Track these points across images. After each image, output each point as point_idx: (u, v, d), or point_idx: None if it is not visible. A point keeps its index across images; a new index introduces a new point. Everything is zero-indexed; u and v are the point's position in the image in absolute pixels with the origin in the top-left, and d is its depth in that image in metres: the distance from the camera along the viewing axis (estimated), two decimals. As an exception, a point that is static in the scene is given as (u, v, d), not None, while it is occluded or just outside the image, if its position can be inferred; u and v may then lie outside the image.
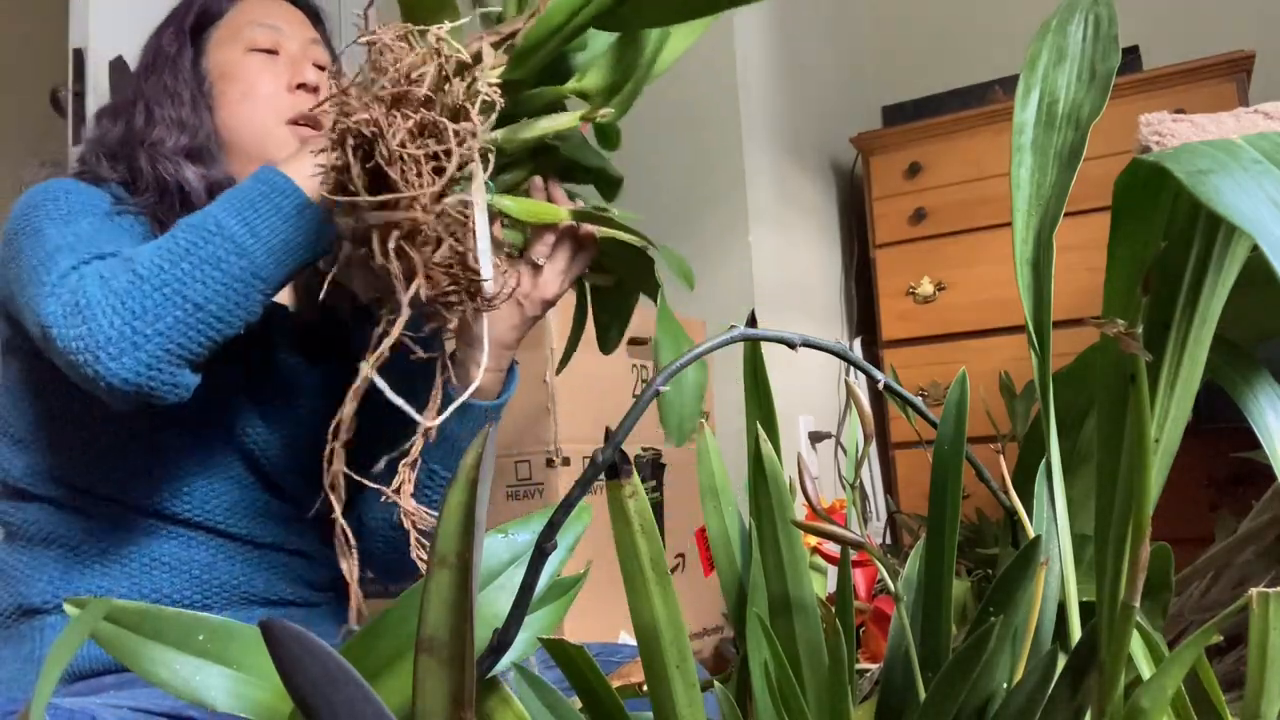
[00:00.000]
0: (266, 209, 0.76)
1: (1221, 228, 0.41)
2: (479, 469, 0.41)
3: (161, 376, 0.72)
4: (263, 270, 0.75)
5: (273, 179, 0.77)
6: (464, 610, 0.39)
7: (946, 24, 2.75)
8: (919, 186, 2.31)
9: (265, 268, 0.75)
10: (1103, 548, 0.44)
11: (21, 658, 0.83)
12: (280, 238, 0.75)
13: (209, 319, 0.73)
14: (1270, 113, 0.46)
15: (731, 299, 2.04)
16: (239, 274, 0.73)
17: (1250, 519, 0.90)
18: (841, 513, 0.71)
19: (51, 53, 1.99)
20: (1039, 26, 0.55)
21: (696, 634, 1.71)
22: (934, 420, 0.56)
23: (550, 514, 0.45)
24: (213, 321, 0.73)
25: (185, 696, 0.44)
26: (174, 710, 0.68)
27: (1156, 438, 0.43)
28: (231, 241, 0.74)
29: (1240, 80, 2.05)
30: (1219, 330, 0.44)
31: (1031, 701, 0.44)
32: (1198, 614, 0.88)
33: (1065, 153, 0.50)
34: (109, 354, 0.70)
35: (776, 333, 0.53)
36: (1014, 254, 0.50)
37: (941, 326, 2.26)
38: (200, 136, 0.91)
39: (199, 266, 0.73)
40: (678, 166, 2.13)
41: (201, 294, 0.72)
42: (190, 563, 0.87)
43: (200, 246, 0.73)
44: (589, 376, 1.54)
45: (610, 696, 0.47)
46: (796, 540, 0.52)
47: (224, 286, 0.73)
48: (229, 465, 0.89)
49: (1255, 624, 0.42)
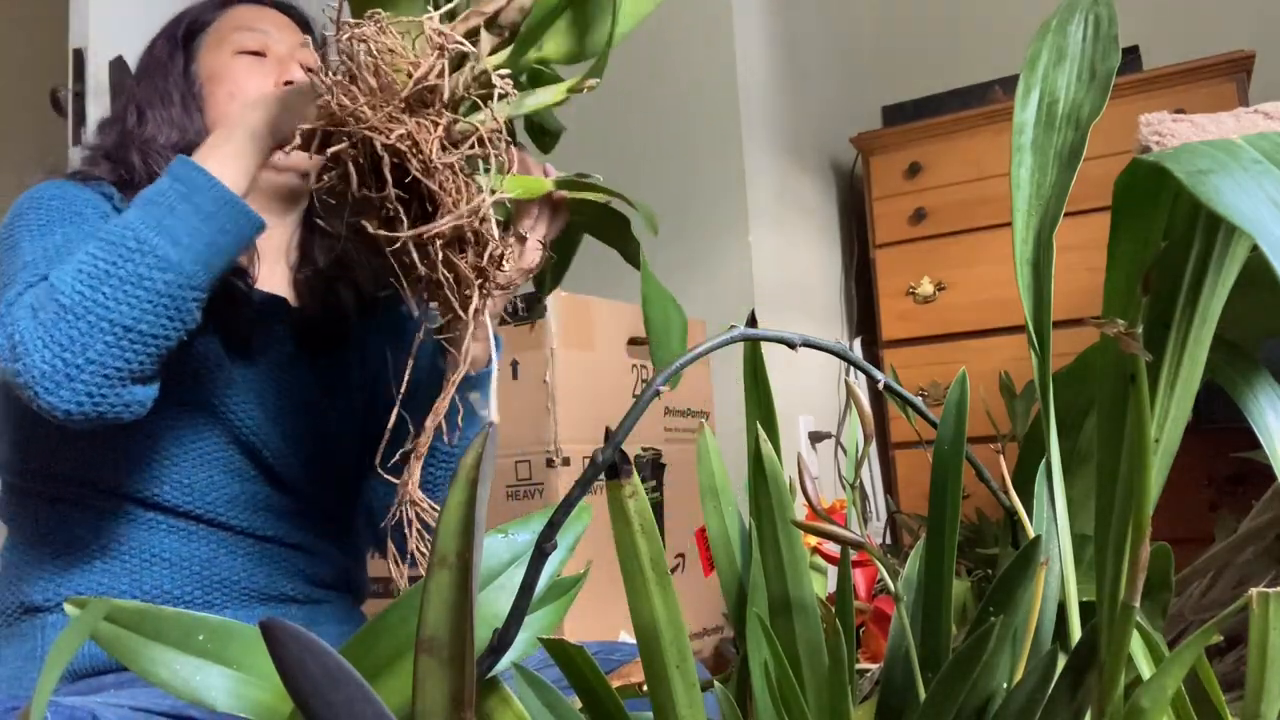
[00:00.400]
0: (186, 211, 0.73)
1: (1221, 228, 0.41)
2: (479, 469, 0.41)
3: (107, 400, 0.71)
4: (193, 279, 0.73)
5: (191, 176, 0.74)
6: (464, 610, 0.39)
7: (946, 24, 2.75)
8: (919, 186, 2.31)
9: (195, 275, 0.73)
10: (1103, 548, 0.44)
11: (23, 655, 0.84)
12: (204, 240, 0.73)
13: (142, 339, 0.72)
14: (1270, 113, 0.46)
15: (731, 299, 2.04)
16: (165, 289, 0.72)
17: (1250, 519, 0.90)
18: (841, 513, 0.71)
19: (51, 53, 1.99)
20: (1039, 26, 0.55)
21: (696, 634, 1.71)
22: (934, 420, 0.56)
23: (550, 514, 0.45)
24: (147, 340, 0.72)
25: (185, 696, 0.44)
26: (174, 709, 0.68)
27: (1156, 438, 0.43)
28: (153, 256, 0.72)
29: (1240, 80, 2.05)
30: (1219, 330, 0.44)
31: (1031, 701, 0.44)
32: (1198, 614, 0.88)
33: (1065, 153, 0.50)
34: (45, 389, 0.70)
35: (776, 333, 0.53)
36: (1014, 254, 0.50)
37: (941, 326, 2.26)
38: (190, 134, 0.93)
39: (121, 288, 0.71)
40: (678, 166, 2.13)
41: (129, 315, 0.71)
42: (191, 559, 0.87)
43: (121, 265, 0.71)
44: (589, 376, 1.54)
45: (610, 696, 0.47)
46: (796, 540, 0.52)
47: (152, 304, 0.72)
48: (230, 458, 0.89)
49: (1255, 624, 0.42)
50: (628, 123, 2.16)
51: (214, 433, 0.88)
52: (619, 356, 1.64)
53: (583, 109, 0.84)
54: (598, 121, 2.24)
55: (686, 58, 2.12)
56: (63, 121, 1.84)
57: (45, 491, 0.88)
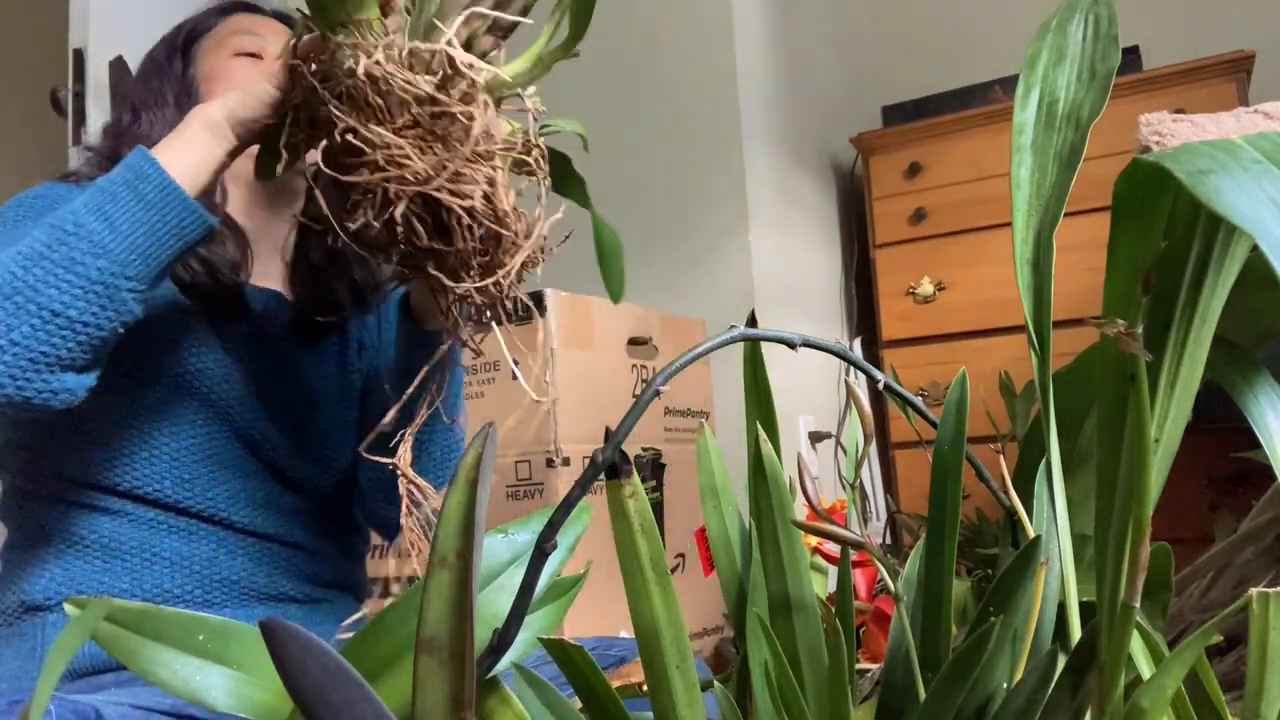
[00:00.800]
0: (128, 198, 0.71)
1: (1221, 228, 0.41)
2: (479, 469, 0.41)
3: (33, 385, 0.69)
4: (129, 268, 0.71)
5: (139, 165, 0.73)
6: (464, 610, 0.39)
7: (946, 24, 2.75)
8: (919, 186, 2.31)
9: (129, 264, 0.71)
10: (1103, 548, 0.44)
11: (24, 655, 0.84)
12: (143, 228, 0.71)
13: (71, 324, 0.70)
14: (1270, 113, 0.46)
15: (731, 299, 2.04)
16: (98, 275, 0.70)
17: (1250, 519, 0.90)
18: (841, 513, 0.71)
19: (51, 53, 1.99)
20: (1039, 26, 0.55)
21: (696, 634, 1.71)
22: (934, 420, 0.56)
23: (550, 514, 0.45)
24: (77, 327, 0.70)
25: (185, 696, 0.44)
26: (175, 708, 0.68)
27: (1156, 438, 0.43)
28: (89, 241, 0.70)
29: (1240, 80, 2.05)
30: (1219, 330, 0.44)
31: (1031, 701, 0.44)
32: (1198, 614, 0.88)
33: (1065, 153, 0.50)
34: None
35: (776, 333, 0.53)
36: (1014, 254, 0.50)
37: (941, 326, 2.26)
38: None
39: (53, 270, 0.69)
40: (678, 166, 2.13)
41: (58, 300, 0.69)
42: (192, 558, 0.87)
43: (56, 248, 0.70)
44: (589, 376, 1.54)
45: (610, 696, 0.47)
46: (796, 540, 0.52)
47: (83, 290, 0.70)
48: (230, 454, 0.90)
49: (1255, 624, 0.42)
50: (628, 123, 2.16)
51: (213, 429, 0.89)
52: (619, 356, 1.64)
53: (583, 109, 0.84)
54: (597, 122, 2.24)
55: (686, 58, 2.12)
56: (63, 121, 1.84)
57: (45, 491, 0.88)
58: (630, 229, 2.16)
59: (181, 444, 0.87)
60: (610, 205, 0.85)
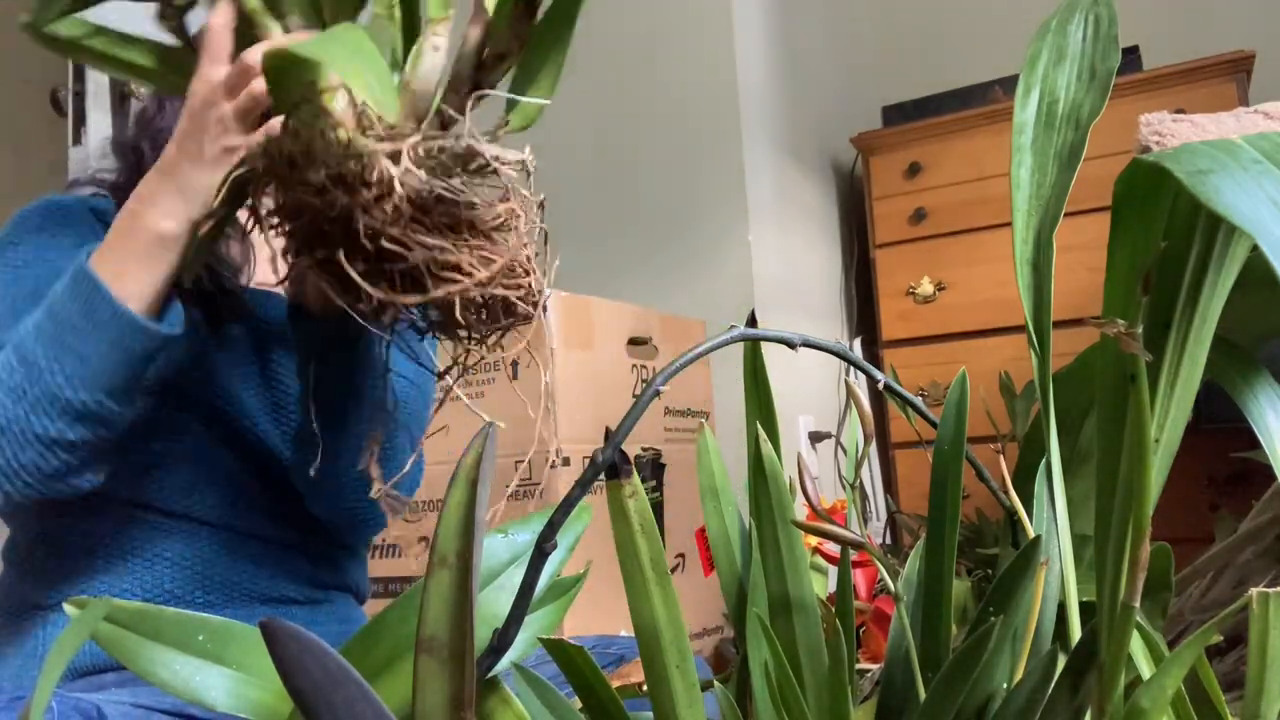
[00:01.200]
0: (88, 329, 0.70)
1: (1221, 228, 0.41)
2: (479, 469, 0.41)
3: (55, 488, 0.73)
4: (113, 394, 0.72)
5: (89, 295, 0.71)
6: (464, 610, 0.39)
7: (947, 24, 2.75)
8: (919, 186, 2.31)
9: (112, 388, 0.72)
10: (1103, 548, 0.44)
11: (25, 654, 0.84)
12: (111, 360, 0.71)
13: (71, 447, 0.72)
14: (1270, 113, 0.46)
15: (731, 299, 2.04)
16: (83, 407, 0.71)
17: (1250, 519, 0.90)
18: (841, 513, 0.71)
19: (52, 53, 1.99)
20: (1039, 26, 0.55)
21: (696, 634, 1.71)
22: (934, 420, 0.56)
23: (550, 514, 0.45)
24: (76, 446, 0.72)
25: (185, 697, 0.44)
26: (175, 707, 0.68)
27: (1156, 438, 0.43)
28: (63, 375, 0.71)
29: (1240, 80, 2.05)
30: (1219, 330, 0.44)
31: (1031, 701, 0.44)
32: (1198, 614, 0.88)
33: (1065, 153, 0.50)
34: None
35: (776, 333, 0.53)
36: (1014, 254, 0.50)
37: (941, 326, 2.26)
38: None
39: (39, 404, 0.71)
40: (678, 166, 2.13)
41: (53, 428, 0.71)
42: (193, 559, 0.87)
43: (35, 384, 0.71)
44: (589, 376, 1.54)
45: (610, 696, 0.47)
46: (796, 540, 0.52)
47: (74, 419, 0.71)
48: (232, 459, 0.89)
49: (1255, 624, 0.42)
50: (628, 123, 2.16)
51: (213, 432, 0.89)
52: (619, 356, 1.64)
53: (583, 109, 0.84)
54: (597, 122, 2.25)
55: (686, 58, 2.12)
56: (63, 121, 1.84)
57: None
58: (630, 229, 2.16)
59: (182, 448, 0.87)
60: (610, 205, 0.86)
